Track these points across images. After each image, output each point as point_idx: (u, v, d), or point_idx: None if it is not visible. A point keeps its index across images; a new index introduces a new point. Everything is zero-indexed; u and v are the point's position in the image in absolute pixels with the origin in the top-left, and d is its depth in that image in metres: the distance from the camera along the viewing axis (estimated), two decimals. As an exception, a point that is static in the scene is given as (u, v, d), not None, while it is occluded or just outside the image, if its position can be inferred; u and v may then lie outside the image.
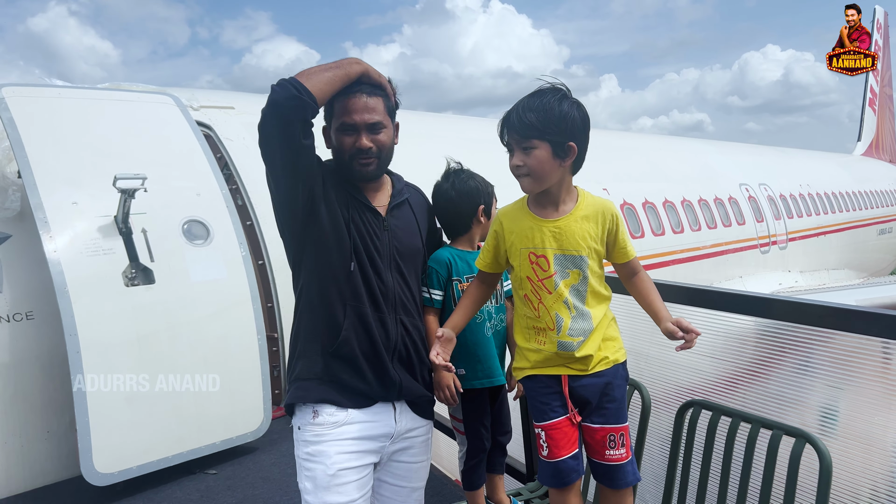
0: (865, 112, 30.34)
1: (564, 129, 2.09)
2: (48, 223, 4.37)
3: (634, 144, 14.34)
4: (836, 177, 20.74)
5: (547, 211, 2.19)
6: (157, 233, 4.77)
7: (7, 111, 4.66)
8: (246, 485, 4.41)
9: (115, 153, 4.92)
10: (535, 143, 2.09)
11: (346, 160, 2.31)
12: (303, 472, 2.28)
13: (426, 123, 10.36)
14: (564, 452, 2.18)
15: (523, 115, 2.09)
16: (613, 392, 2.18)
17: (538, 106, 2.09)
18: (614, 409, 2.18)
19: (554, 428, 2.19)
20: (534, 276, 2.17)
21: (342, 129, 2.29)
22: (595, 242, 2.16)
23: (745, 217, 14.22)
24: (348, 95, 2.26)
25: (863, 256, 19.95)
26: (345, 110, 2.27)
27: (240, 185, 6.17)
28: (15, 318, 4.68)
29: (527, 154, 2.10)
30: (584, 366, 2.16)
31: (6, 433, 4.57)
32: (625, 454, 2.19)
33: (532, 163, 2.11)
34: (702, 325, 2.84)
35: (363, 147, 2.28)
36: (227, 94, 7.71)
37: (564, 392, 2.18)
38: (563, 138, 2.10)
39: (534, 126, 2.08)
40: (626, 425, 2.22)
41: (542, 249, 2.16)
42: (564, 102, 2.11)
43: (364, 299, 2.29)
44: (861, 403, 2.34)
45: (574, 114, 2.11)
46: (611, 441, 2.17)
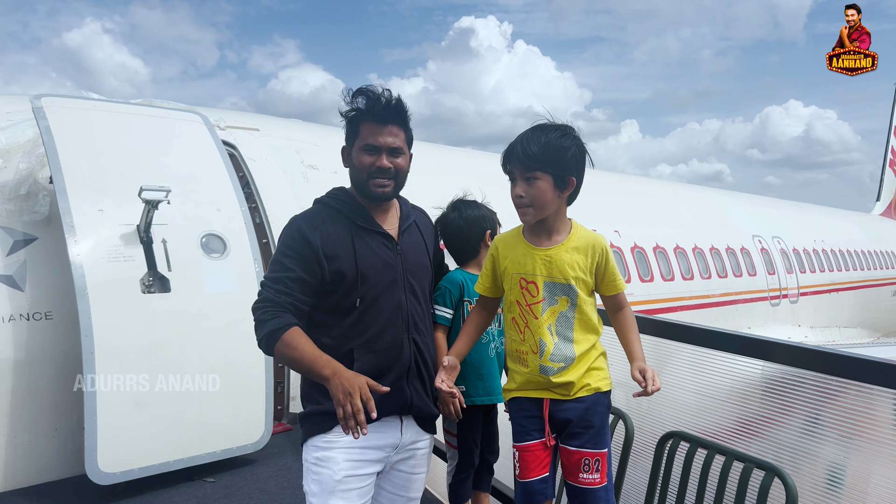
0: (886, 172, 30.32)
1: (565, 163, 2.23)
2: (74, 228, 4.57)
3: (649, 189, 14.47)
4: (851, 234, 20.72)
5: (540, 239, 2.32)
6: (176, 244, 4.96)
7: (45, 119, 4.90)
8: (242, 494, 4.51)
9: (143, 165, 5.14)
10: (538, 174, 2.22)
11: (363, 178, 2.43)
12: (310, 476, 2.37)
13: (446, 156, 10.58)
14: (533, 475, 2.29)
15: (527, 147, 2.22)
16: (592, 418, 2.26)
17: (542, 140, 2.23)
18: (591, 434, 2.25)
19: (526, 450, 2.31)
20: (522, 300, 2.30)
21: (365, 149, 2.41)
22: (583, 273, 2.26)
23: (757, 268, 14.25)
24: (377, 121, 2.40)
25: (875, 316, 19.81)
26: (370, 132, 2.40)
27: (259, 204, 6.37)
28: (34, 317, 4.86)
29: (529, 184, 2.24)
30: (565, 391, 2.27)
31: (16, 428, 4.72)
32: (598, 479, 2.24)
33: (534, 193, 2.24)
34: (693, 363, 2.96)
35: (383, 166, 2.39)
36: (253, 116, 7.97)
37: (544, 415, 2.28)
38: (563, 171, 2.24)
39: (537, 158, 2.21)
40: (604, 452, 2.28)
41: (532, 276, 2.28)
42: (566, 139, 2.25)
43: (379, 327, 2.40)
44: (831, 442, 2.43)
45: (574, 150, 2.25)
46: (585, 465, 2.24)
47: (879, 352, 11.73)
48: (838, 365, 2.14)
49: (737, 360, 2.68)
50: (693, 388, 2.98)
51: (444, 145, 12.18)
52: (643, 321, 2.89)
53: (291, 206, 6.22)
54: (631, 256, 10.84)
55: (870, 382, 2.20)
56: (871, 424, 2.32)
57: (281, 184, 6.74)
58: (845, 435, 2.33)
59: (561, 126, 2.29)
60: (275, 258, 2.42)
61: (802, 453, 2.46)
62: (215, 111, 7.16)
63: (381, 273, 2.41)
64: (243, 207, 5.48)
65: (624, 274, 10.52)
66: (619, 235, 10.79)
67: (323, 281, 2.37)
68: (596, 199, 11.24)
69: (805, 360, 2.23)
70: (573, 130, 2.29)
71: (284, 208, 6.29)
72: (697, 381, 2.96)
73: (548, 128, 2.28)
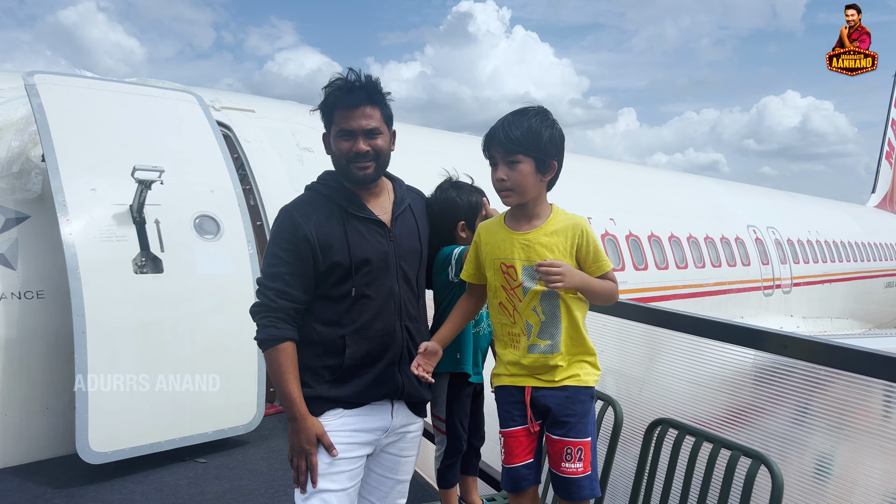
0: (882, 165, 30.37)
1: (547, 147, 2.23)
2: (67, 207, 4.55)
3: (645, 178, 14.48)
4: (846, 226, 20.78)
5: (520, 224, 2.31)
6: (169, 224, 4.94)
7: (37, 97, 4.86)
8: (234, 475, 4.52)
9: (136, 145, 5.11)
10: (520, 157, 2.22)
11: (343, 164, 2.42)
12: None
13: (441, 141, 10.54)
14: (517, 460, 2.31)
15: (509, 132, 2.22)
16: (574, 406, 2.25)
17: (523, 124, 2.22)
18: (574, 423, 2.24)
19: (511, 436, 2.32)
20: (507, 284, 2.30)
21: (340, 135, 2.39)
22: (563, 255, 2.25)
23: (751, 258, 14.29)
24: (347, 105, 2.37)
25: (868, 307, 19.92)
26: (343, 117, 2.37)
27: (253, 186, 6.35)
28: (26, 295, 4.85)
29: (511, 168, 2.23)
30: (551, 377, 2.27)
31: (7, 406, 4.72)
32: (581, 469, 2.24)
33: (516, 177, 2.23)
34: (682, 351, 2.97)
35: (360, 151, 2.37)
36: (249, 97, 7.92)
37: (526, 401, 2.29)
38: (545, 156, 2.23)
39: (519, 142, 2.21)
40: (587, 441, 2.26)
41: (511, 260, 2.28)
42: (546, 123, 2.24)
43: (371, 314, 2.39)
44: (819, 432, 2.44)
45: (555, 134, 2.25)
46: (567, 454, 2.24)
47: (870, 343, 11.82)
48: (828, 355, 2.15)
49: (727, 348, 2.69)
50: (683, 377, 2.99)
51: (441, 130, 12.14)
52: (635, 308, 2.90)
53: (286, 189, 6.20)
54: (626, 244, 10.85)
55: (860, 373, 2.21)
56: (860, 414, 2.34)
57: (276, 166, 6.71)
58: (834, 425, 2.35)
59: (540, 111, 2.29)
60: (270, 251, 2.40)
61: (790, 442, 2.48)
62: (210, 91, 7.11)
63: (374, 261, 2.40)
64: (237, 189, 5.45)
65: (618, 262, 10.54)
66: (615, 223, 10.80)
67: (317, 271, 2.37)
68: (592, 187, 11.25)
69: (795, 350, 2.24)
70: (551, 115, 2.30)
71: (279, 191, 6.27)
72: (688, 370, 2.97)
73: (528, 112, 2.27)
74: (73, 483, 4.34)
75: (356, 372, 2.38)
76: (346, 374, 2.37)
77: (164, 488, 4.30)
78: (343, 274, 2.37)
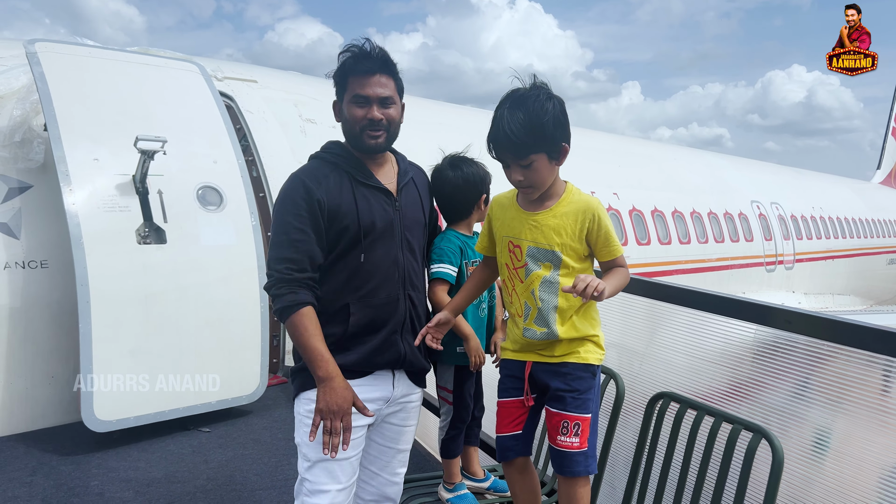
0: (888, 141, 30.17)
1: (554, 134, 2.14)
2: (69, 176, 4.54)
3: (649, 152, 14.41)
4: (850, 202, 20.71)
5: (531, 204, 2.27)
6: (172, 195, 4.93)
7: (39, 66, 4.82)
8: (237, 444, 4.57)
9: (139, 115, 5.08)
10: (532, 157, 2.14)
11: (356, 132, 2.40)
12: (302, 428, 2.38)
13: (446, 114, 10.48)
14: (506, 430, 2.34)
15: (512, 135, 2.11)
16: (572, 382, 2.24)
17: (525, 121, 2.11)
18: (571, 398, 2.23)
19: (502, 406, 2.35)
20: (510, 263, 2.28)
21: (355, 101, 2.37)
22: (571, 239, 2.20)
23: (754, 234, 14.27)
24: (363, 71, 2.36)
25: (870, 284, 19.92)
26: (359, 84, 2.36)
27: (256, 157, 6.33)
28: (30, 265, 4.86)
29: (527, 169, 2.16)
30: (550, 352, 2.27)
31: (12, 374, 4.75)
32: (577, 443, 2.23)
33: (533, 176, 2.17)
34: (685, 326, 2.98)
35: (375, 118, 2.36)
36: (251, 67, 7.85)
37: (525, 376, 2.30)
38: (556, 144, 2.16)
39: (526, 143, 2.12)
40: (586, 417, 2.25)
41: (518, 240, 2.25)
42: (547, 105, 2.13)
43: (376, 282, 2.40)
44: (819, 406, 2.46)
45: (556, 115, 2.14)
46: (563, 427, 2.23)
47: (872, 319, 11.85)
48: (832, 330, 2.15)
49: (730, 323, 2.69)
50: (685, 351, 3.00)
51: (445, 102, 12.06)
52: (640, 283, 2.90)
53: (289, 161, 6.18)
54: (629, 219, 10.83)
55: (863, 348, 2.21)
56: (861, 389, 2.34)
57: (278, 137, 6.68)
58: (834, 399, 2.36)
59: (533, 94, 2.15)
60: (281, 220, 2.34)
61: (790, 416, 2.50)
62: (212, 61, 7.05)
63: (381, 229, 2.40)
64: (240, 160, 5.44)
65: (621, 237, 10.53)
66: (618, 198, 10.77)
67: (327, 238, 2.35)
68: (596, 161, 11.19)
69: (800, 325, 2.24)
70: (545, 91, 2.17)
71: (281, 162, 6.25)
72: (690, 344, 2.98)
73: (524, 101, 2.14)
74: (78, 450, 4.39)
75: (360, 339, 2.39)
76: (349, 342, 2.37)
77: (169, 456, 4.35)
78: (351, 240, 2.36)
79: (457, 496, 2.78)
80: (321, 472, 2.33)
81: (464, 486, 2.83)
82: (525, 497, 2.44)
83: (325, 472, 2.33)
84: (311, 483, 2.33)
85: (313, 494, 2.33)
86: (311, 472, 2.33)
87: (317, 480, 2.32)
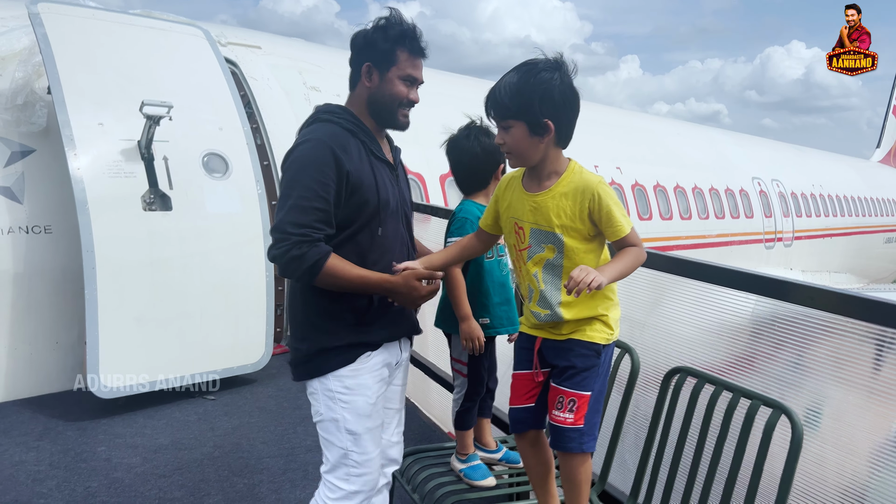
0: (888, 119, 30.08)
1: (539, 107, 2.06)
2: (74, 141, 4.48)
3: (652, 127, 14.34)
4: (849, 181, 20.70)
5: (532, 184, 2.21)
6: (177, 162, 4.88)
7: (41, 27, 4.73)
8: (243, 412, 4.58)
9: (143, 79, 5.00)
10: (511, 122, 2.10)
11: (393, 106, 2.39)
12: (338, 405, 2.34)
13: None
14: (517, 402, 2.33)
15: (498, 94, 2.09)
16: (574, 359, 2.21)
17: (514, 85, 2.07)
18: (572, 375, 2.21)
19: (516, 378, 2.34)
20: (516, 244, 2.24)
21: (404, 79, 2.37)
22: (571, 220, 2.14)
23: (755, 211, 14.27)
24: (417, 52, 2.38)
25: (866, 263, 20.02)
26: (411, 64, 2.38)
27: (260, 125, 6.25)
28: (33, 230, 4.82)
29: (506, 132, 2.12)
30: (558, 331, 2.25)
31: (16, 339, 4.74)
32: (570, 419, 2.20)
33: (510, 141, 2.12)
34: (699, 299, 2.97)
35: (415, 100, 2.43)
36: (255, 33, 7.74)
37: (535, 350, 2.29)
38: (537, 117, 2.07)
39: (507, 107, 2.08)
40: (585, 395, 2.21)
41: (521, 221, 2.20)
42: (543, 78, 2.06)
43: (391, 255, 2.40)
44: (839, 384, 2.46)
45: (552, 90, 2.07)
46: (559, 402, 2.21)
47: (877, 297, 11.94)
48: (856, 307, 2.14)
49: (741, 296, 2.67)
50: (698, 325, 2.99)
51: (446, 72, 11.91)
52: (659, 258, 2.87)
53: (293, 129, 6.03)
54: (631, 194, 10.80)
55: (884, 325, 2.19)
56: (881, 366, 2.34)
57: (283, 105, 6.60)
58: (847, 376, 2.37)
59: (540, 65, 2.08)
60: (304, 183, 2.23)
61: (808, 393, 2.50)
62: (215, 26, 6.93)
63: (391, 203, 2.41)
64: (245, 127, 5.38)
65: (623, 211, 10.52)
66: (621, 172, 10.73)
67: (345, 210, 2.30)
68: (600, 135, 11.12)
69: (822, 302, 2.23)
70: (558, 66, 2.09)
71: (286, 130, 6.17)
72: (703, 319, 2.97)
73: (526, 69, 2.09)
74: (84, 416, 4.40)
75: (382, 312, 2.38)
76: (372, 316, 2.37)
77: (175, 423, 4.36)
78: (371, 213, 2.34)
79: (469, 467, 2.78)
80: (368, 440, 2.36)
81: (476, 456, 2.84)
82: (538, 470, 2.44)
83: (371, 440, 2.37)
84: (360, 454, 2.35)
85: (363, 465, 2.36)
86: (358, 443, 2.34)
87: (365, 449, 2.35)
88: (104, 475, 3.68)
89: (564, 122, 2.14)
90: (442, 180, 7.92)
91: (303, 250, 2.18)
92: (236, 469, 3.80)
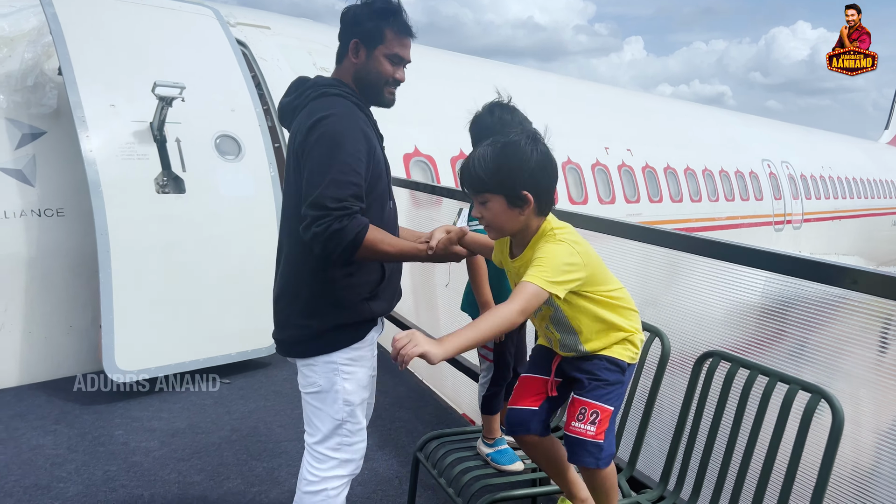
0: (897, 100, 29.84)
1: (516, 179, 2.00)
2: (86, 122, 4.42)
3: (661, 108, 14.21)
4: (859, 163, 20.56)
5: (516, 248, 2.17)
6: (190, 143, 4.82)
7: (51, 6, 4.66)
8: (258, 396, 4.56)
9: (154, 60, 4.94)
10: (488, 196, 2.03)
11: (379, 84, 2.40)
12: (339, 377, 2.35)
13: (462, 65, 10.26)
14: (521, 403, 2.24)
15: (475, 170, 2.02)
16: (598, 372, 2.16)
17: (490, 159, 2.01)
18: (596, 387, 2.15)
19: (526, 380, 2.28)
20: None
21: (390, 58, 2.37)
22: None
23: (764, 193, 14.17)
24: (406, 32, 2.37)
25: (874, 245, 19.91)
26: (401, 44, 2.38)
27: (271, 106, 6.18)
28: (46, 213, 4.77)
29: (484, 207, 2.05)
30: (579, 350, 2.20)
31: (31, 323, 4.71)
32: (591, 432, 2.12)
33: (488, 215, 2.05)
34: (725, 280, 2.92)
35: (401, 79, 2.43)
36: (263, 13, 7.65)
37: (552, 366, 2.25)
38: (515, 190, 2.00)
39: (484, 181, 2.01)
40: (608, 409, 2.15)
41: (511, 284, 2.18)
42: (520, 150, 2.00)
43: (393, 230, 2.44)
44: (876, 364, 2.41)
45: (529, 161, 2.00)
46: (580, 413, 2.13)
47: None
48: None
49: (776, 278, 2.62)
50: (728, 308, 2.94)
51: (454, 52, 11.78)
52: (692, 240, 2.82)
53: (306, 110, 6.03)
54: (642, 176, 10.72)
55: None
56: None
57: (293, 86, 6.52)
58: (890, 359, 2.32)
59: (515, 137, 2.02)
60: (340, 158, 2.17)
61: (849, 378, 2.45)
62: (224, 6, 6.83)
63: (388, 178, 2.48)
64: (257, 109, 5.31)
65: (634, 194, 10.42)
66: (632, 154, 10.64)
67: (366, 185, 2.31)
68: (610, 118, 11.02)
69: (866, 285, 2.17)
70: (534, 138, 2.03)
71: (298, 112, 6.11)
72: (732, 301, 2.92)
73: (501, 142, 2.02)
74: (99, 400, 4.38)
75: (389, 285, 2.45)
76: (382, 289, 2.41)
77: (191, 407, 4.34)
78: (383, 188, 2.39)
79: (497, 451, 2.75)
80: (361, 410, 2.41)
81: (504, 440, 2.81)
82: (550, 468, 2.36)
83: (362, 410, 2.41)
84: (354, 423, 2.39)
85: (355, 433, 2.40)
86: (353, 414, 2.38)
87: (359, 419, 2.40)
88: (123, 459, 3.67)
89: (543, 192, 2.05)
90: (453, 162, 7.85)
91: (343, 224, 2.12)
92: (255, 453, 3.79)
